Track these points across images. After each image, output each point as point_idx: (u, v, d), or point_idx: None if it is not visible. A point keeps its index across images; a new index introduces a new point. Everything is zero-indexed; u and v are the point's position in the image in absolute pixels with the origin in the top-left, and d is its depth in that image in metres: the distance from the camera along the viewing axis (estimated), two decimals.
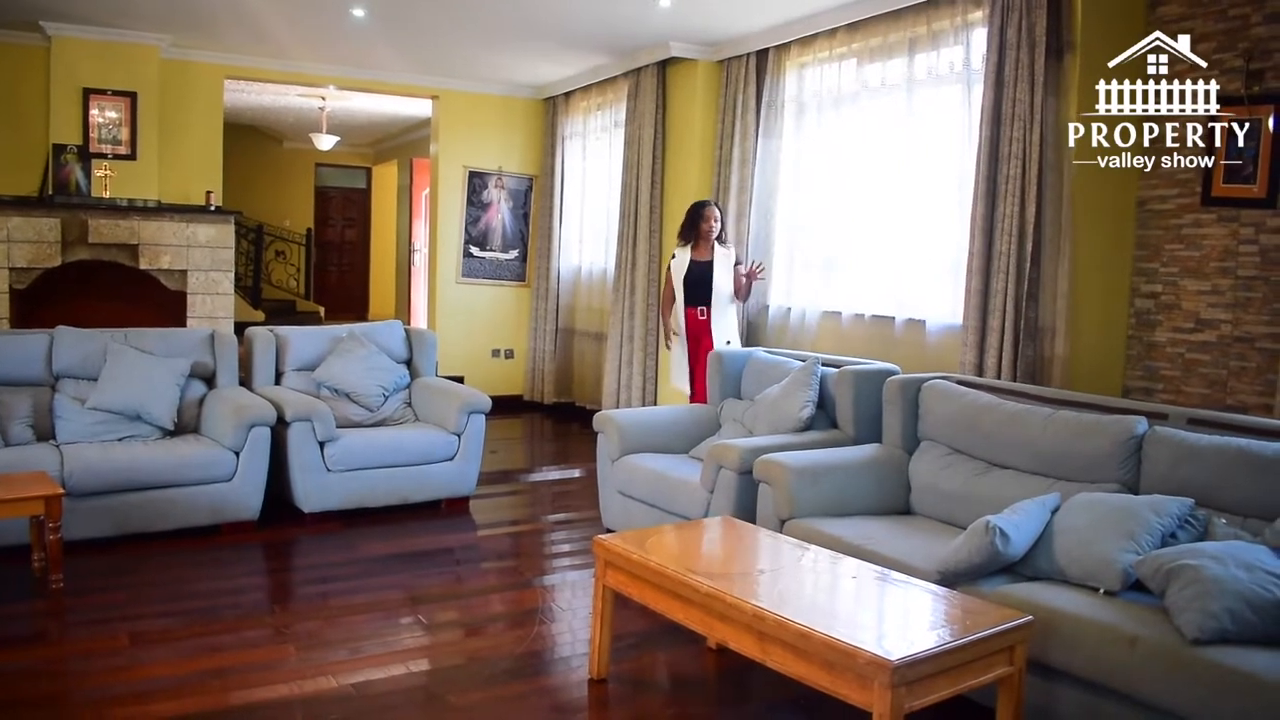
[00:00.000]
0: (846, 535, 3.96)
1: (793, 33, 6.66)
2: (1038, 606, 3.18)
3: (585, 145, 9.31)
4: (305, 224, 15.50)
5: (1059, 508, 3.64)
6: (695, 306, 6.55)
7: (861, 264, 6.29)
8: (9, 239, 7.81)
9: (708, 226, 6.55)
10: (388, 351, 6.32)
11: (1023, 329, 5.00)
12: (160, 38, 8.12)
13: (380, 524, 5.65)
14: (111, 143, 8.11)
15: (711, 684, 3.85)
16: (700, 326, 6.56)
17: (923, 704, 2.74)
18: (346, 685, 3.61)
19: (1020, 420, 4.18)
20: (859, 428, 4.94)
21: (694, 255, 6.57)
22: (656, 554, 3.46)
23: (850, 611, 3.22)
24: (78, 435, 5.29)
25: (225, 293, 8.59)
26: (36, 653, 3.92)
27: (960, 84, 5.58)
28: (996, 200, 5.16)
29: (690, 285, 6.57)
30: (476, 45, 8.10)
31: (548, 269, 9.53)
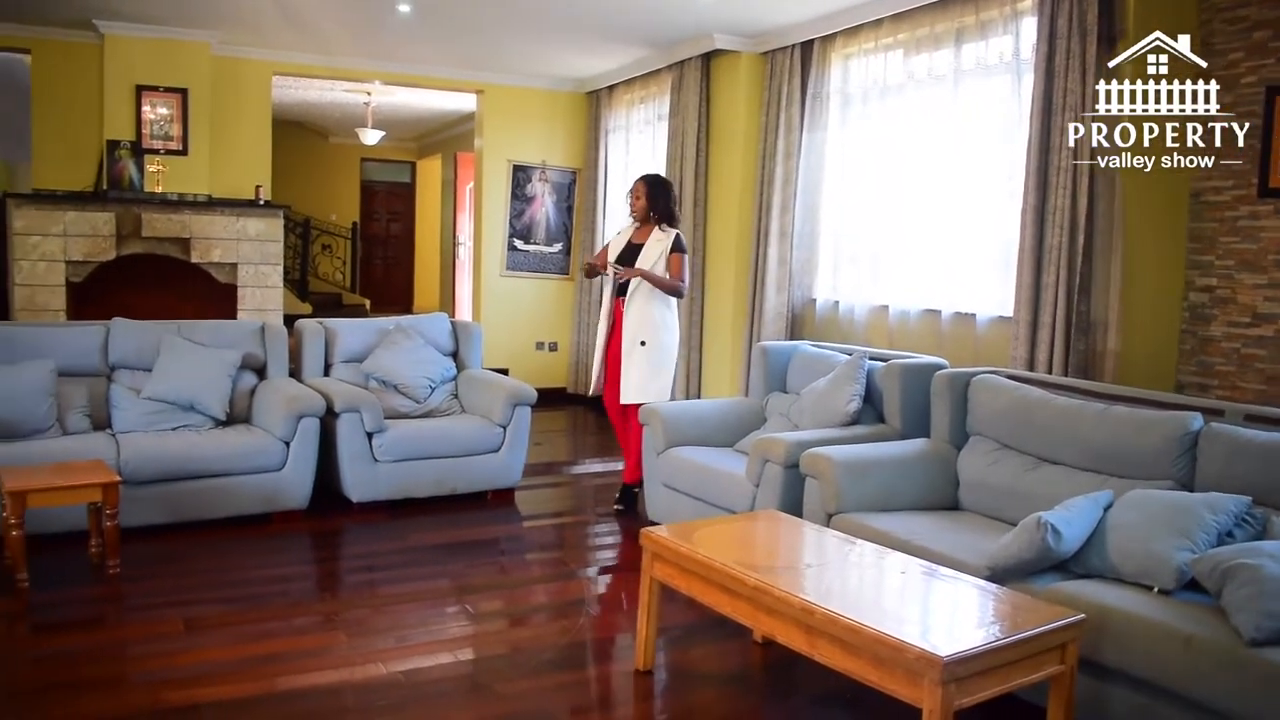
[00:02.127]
0: (894, 530, 3.93)
1: (838, 24, 6.61)
2: (1090, 604, 3.14)
3: (628, 139, 9.31)
4: (351, 218, 15.66)
5: (1111, 504, 3.59)
6: (620, 296, 5.83)
7: (909, 257, 6.24)
8: (65, 233, 7.96)
9: (632, 203, 5.87)
10: (434, 344, 6.37)
11: (1074, 323, 4.95)
12: (210, 35, 8.22)
13: (427, 514, 5.70)
14: (163, 138, 8.23)
15: (757, 677, 3.84)
16: (618, 317, 5.85)
17: (973, 701, 2.72)
18: (396, 672, 3.65)
19: (1072, 415, 4.13)
20: (906, 422, 4.91)
21: (634, 236, 5.84)
22: (704, 547, 3.46)
23: (899, 607, 3.21)
24: (133, 425, 5.39)
25: (274, 286, 8.69)
26: (94, 636, 4.00)
27: (1009, 74, 5.52)
28: (1047, 192, 5.10)
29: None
30: (520, 39, 8.14)
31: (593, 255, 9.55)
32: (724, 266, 7.74)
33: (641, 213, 5.79)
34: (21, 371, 5.13)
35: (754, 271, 7.27)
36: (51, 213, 7.92)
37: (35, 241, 7.90)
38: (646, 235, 5.76)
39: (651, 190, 5.80)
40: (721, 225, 7.77)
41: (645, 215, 5.78)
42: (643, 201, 5.78)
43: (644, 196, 5.78)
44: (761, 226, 7.21)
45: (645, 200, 5.77)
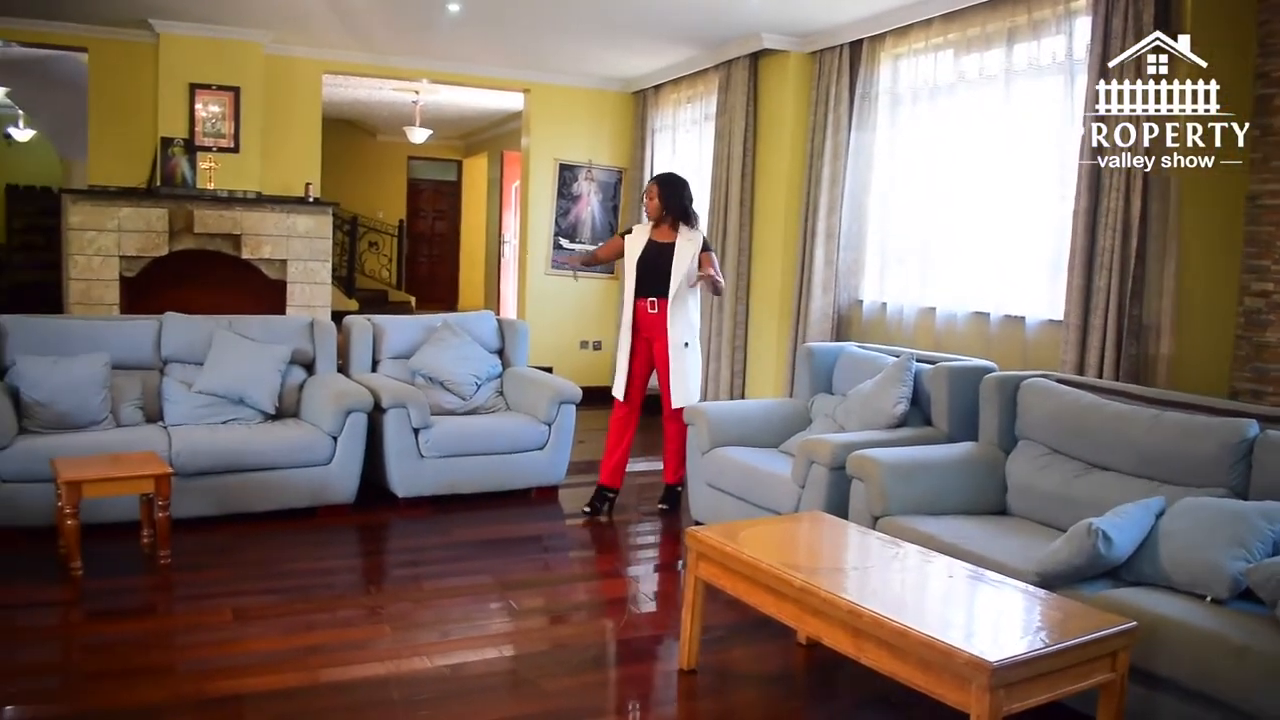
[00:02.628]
0: (941, 534, 3.90)
1: (888, 23, 6.57)
2: (1140, 612, 3.10)
3: (675, 138, 9.31)
4: (397, 215, 15.78)
5: (1164, 512, 3.54)
6: (646, 297, 5.65)
7: (957, 259, 6.18)
8: (120, 228, 8.09)
9: (646, 204, 5.78)
10: (481, 341, 6.41)
11: (1126, 327, 4.88)
12: (262, 34, 8.32)
13: (471, 510, 5.74)
14: (216, 136, 8.35)
15: (800, 679, 3.83)
16: (651, 323, 5.67)
17: (1021, 707, 2.69)
18: (442, 666, 3.67)
19: (1124, 421, 4.07)
20: (954, 425, 4.87)
21: (654, 235, 5.70)
22: (749, 547, 3.45)
23: (947, 611, 3.18)
24: (184, 418, 5.47)
25: (323, 282, 8.78)
26: (145, 625, 4.07)
27: (1062, 74, 5.45)
28: (1100, 195, 5.03)
29: (643, 270, 5.67)
30: (568, 39, 8.16)
31: None
32: (770, 267, 7.71)
33: (656, 213, 5.67)
34: (77, 364, 5.23)
35: (800, 272, 7.24)
36: (106, 208, 8.06)
37: (90, 237, 8.04)
38: (668, 235, 5.65)
39: (665, 190, 5.69)
40: (768, 226, 7.75)
41: (660, 215, 5.67)
42: (656, 202, 5.67)
43: (657, 197, 5.67)
44: (808, 227, 7.18)
45: (659, 200, 5.66)
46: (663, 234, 5.66)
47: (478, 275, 15.68)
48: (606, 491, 5.79)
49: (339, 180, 12.41)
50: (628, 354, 5.69)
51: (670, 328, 5.59)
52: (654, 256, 5.62)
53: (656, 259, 5.61)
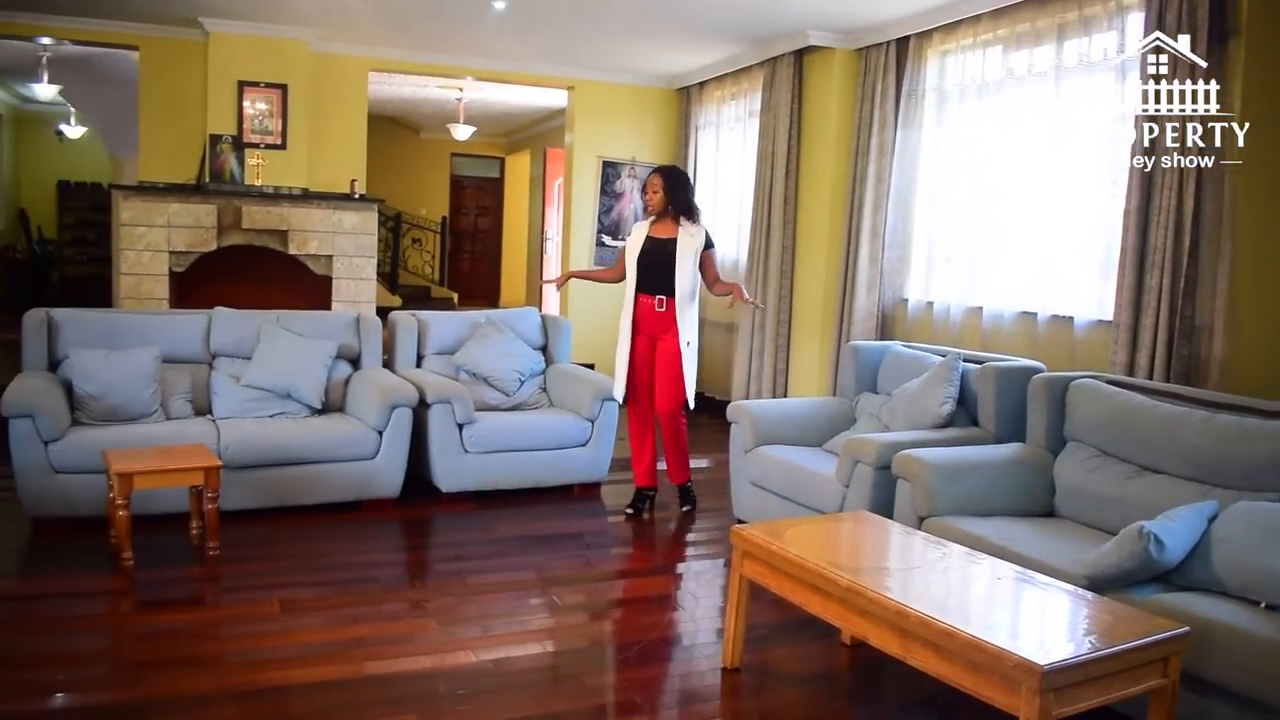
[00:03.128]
0: (988, 535, 3.87)
1: (935, 19, 6.51)
2: (1192, 617, 3.05)
3: (718, 135, 9.29)
4: (440, 212, 15.88)
5: (1216, 515, 3.48)
6: (652, 295, 5.51)
7: (1005, 257, 6.11)
8: (169, 224, 8.21)
9: (647, 199, 5.60)
10: (524, 338, 6.43)
11: (1178, 328, 4.80)
12: (309, 32, 8.42)
13: (514, 505, 5.76)
14: (263, 133, 8.45)
15: (845, 679, 3.81)
16: (657, 322, 5.52)
17: (1071, 711, 2.66)
18: (485, 660, 3.69)
19: (1176, 423, 4.01)
20: (1001, 426, 4.82)
21: (654, 231, 5.56)
22: (795, 546, 3.44)
23: (996, 612, 3.15)
24: (232, 411, 5.53)
25: (368, 278, 8.86)
26: (195, 615, 4.13)
27: (1113, 71, 5.38)
28: (1152, 193, 4.95)
29: (646, 268, 5.51)
30: (613, 36, 8.17)
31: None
32: (814, 265, 7.68)
33: (659, 207, 5.51)
34: (128, 358, 5.31)
35: (844, 270, 7.20)
36: (156, 204, 8.18)
37: (141, 232, 8.16)
38: (669, 230, 5.50)
39: (669, 183, 5.52)
40: (812, 223, 7.71)
41: (663, 209, 5.51)
42: (660, 195, 5.50)
43: (661, 190, 5.50)
44: (853, 225, 7.14)
45: (663, 194, 5.50)
46: (664, 229, 5.52)
47: (519, 272, 15.74)
48: (646, 491, 5.77)
49: (383, 177, 12.50)
50: (628, 354, 5.57)
51: (680, 327, 5.48)
52: (655, 253, 5.49)
53: (658, 255, 5.48)
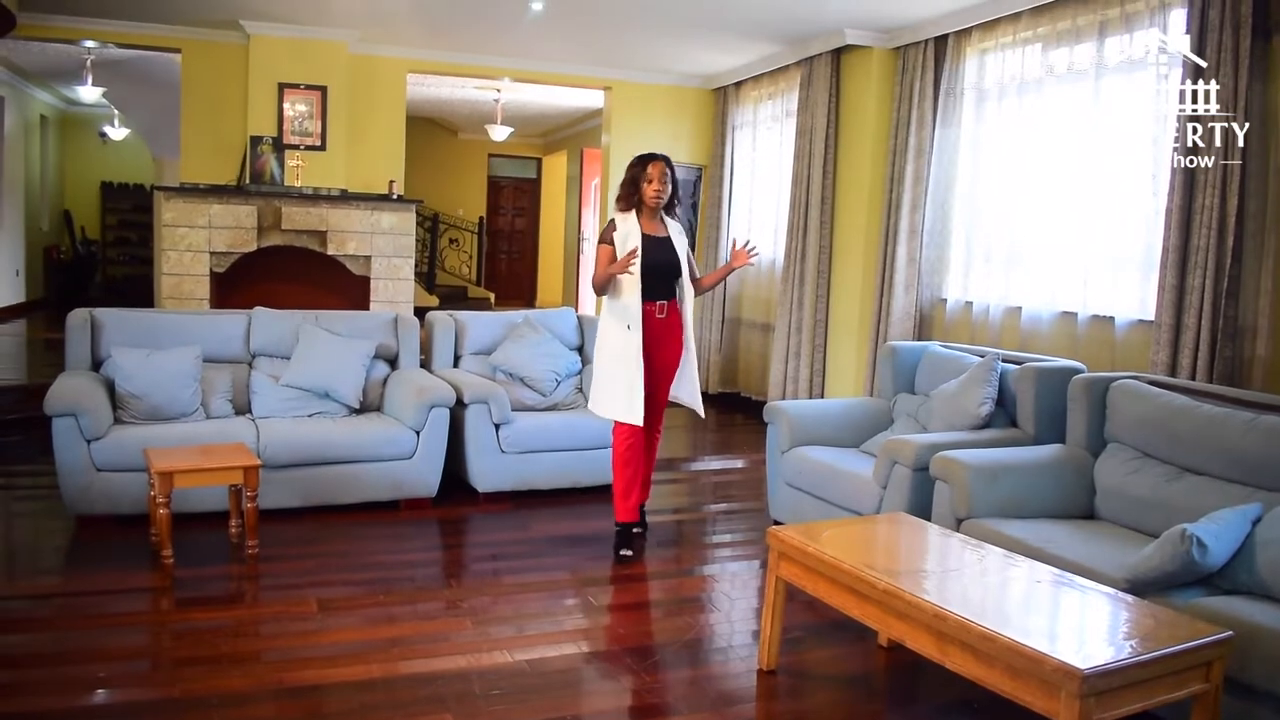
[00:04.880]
0: (1027, 537, 3.83)
1: (974, 17, 6.46)
2: (1236, 621, 3.01)
3: (755, 135, 9.27)
4: (478, 213, 15.96)
5: (1260, 518, 3.43)
6: (654, 301, 4.88)
7: (1044, 257, 6.06)
8: (210, 225, 8.30)
9: (653, 191, 4.83)
10: (560, 338, 6.44)
11: (1221, 328, 4.73)
12: (348, 34, 8.48)
13: (550, 505, 5.78)
14: (303, 134, 8.53)
15: (881, 682, 3.78)
16: (658, 329, 4.92)
17: (1111, 717, 2.63)
18: (521, 660, 3.70)
19: (1219, 424, 3.94)
20: (1040, 427, 4.77)
21: (646, 229, 4.85)
22: (831, 548, 3.42)
23: (1034, 616, 3.12)
24: (271, 410, 5.59)
25: (406, 278, 8.91)
26: (234, 613, 4.16)
27: (1154, 68, 5.30)
28: (1195, 192, 4.88)
29: (652, 272, 4.85)
30: (650, 36, 8.17)
31: (715, 258, 9.53)
32: (851, 265, 7.64)
33: (664, 199, 4.89)
34: (170, 357, 5.38)
35: (882, 270, 7.16)
36: (198, 205, 8.27)
37: (182, 233, 8.26)
38: (658, 228, 4.92)
39: (674, 173, 4.95)
40: (849, 223, 7.67)
41: (670, 205, 4.96)
42: (669, 187, 4.89)
43: (670, 180, 4.89)
44: (890, 224, 7.09)
45: (671, 185, 4.91)
46: (654, 227, 4.91)
47: (556, 272, 15.78)
48: (634, 527, 5.10)
49: (421, 177, 12.59)
50: (642, 367, 4.83)
51: (685, 329, 5.03)
52: (656, 254, 4.86)
53: (662, 257, 4.89)
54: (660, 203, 4.88)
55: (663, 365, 4.97)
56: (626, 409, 4.83)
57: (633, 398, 4.81)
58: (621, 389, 4.84)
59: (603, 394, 4.95)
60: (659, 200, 4.86)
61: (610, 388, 4.90)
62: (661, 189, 4.84)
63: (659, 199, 4.86)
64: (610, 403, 4.91)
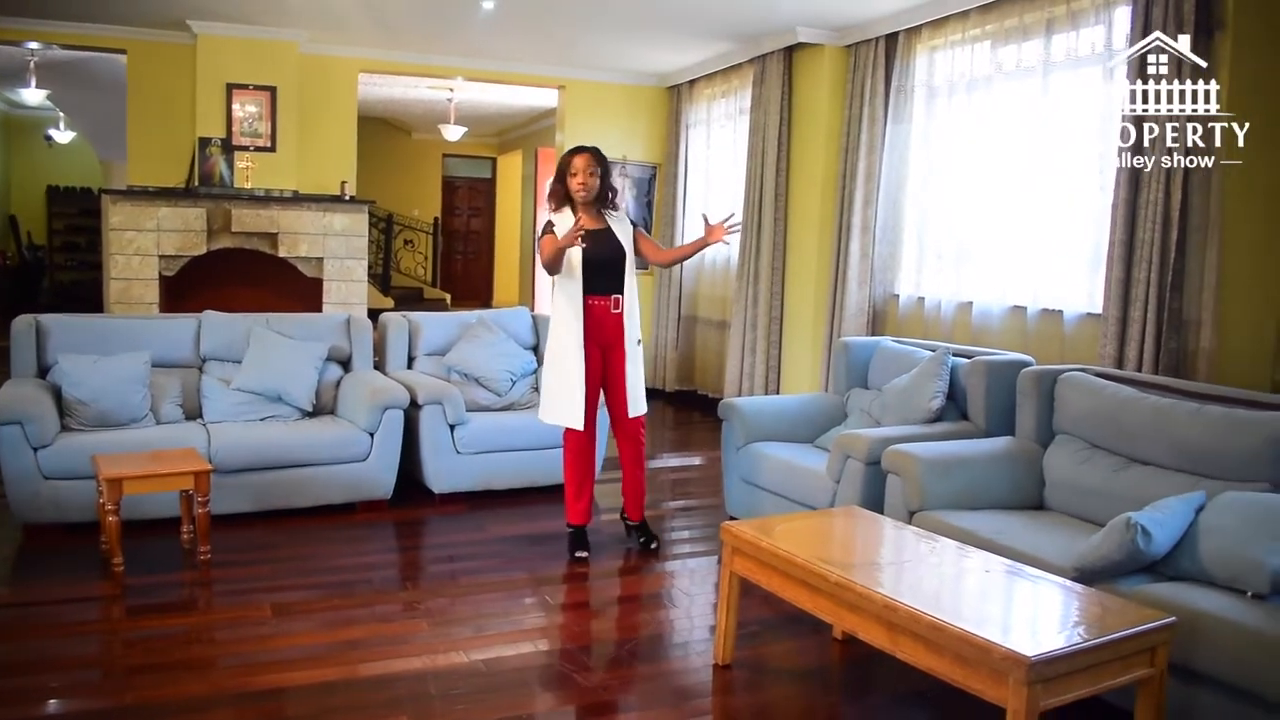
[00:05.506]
0: (978, 529, 3.88)
1: (924, 15, 6.53)
2: (1180, 608, 3.06)
3: (709, 133, 9.30)
4: (433, 213, 15.89)
5: (1204, 506, 3.49)
6: (604, 295, 4.76)
7: (994, 252, 6.13)
8: (159, 228, 8.19)
9: (578, 184, 4.70)
10: (515, 338, 6.43)
11: (1166, 320, 4.82)
12: (298, 34, 8.41)
13: (507, 505, 5.76)
14: (252, 135, 8.44)
15: (836, 674, 3.82)
16: (610, 324, 4.80)
17: (1059, 702, 2.67)
18: (477, 661, 3.69)
19: (1164, 415, 4.02)
20: (991, 420, 4.83)
21: (585, 223, 4.58)
22: (785, 542, 3.44)
23: (984, 605, 3.16)
24: (223, 415, 5.53)
25: (359, 280, 8.86)
26: (187, 620, 4.11)
27: (1101, 66, 5.39)
28: (1140, 186, 4.97)
29: (594, 266, 4.73)
30: (602, 34, 8.17)
31: None
32: (805, 261, 7.69)
33: (594, 192, 4.75)
34: (118, 363, 5.30)
35: (835, 267, 7.22)
36: (145, 208, 8.16)
37: (130, 236, 8.15)
38: (598, 221, 4.73)
39: (602, 165, 4.79)
40: (803, 220, 7.73)
41: (592, 195, 4.77)
42: (597, 180, 4.74)
43: (598, 174, 4.74)
44: (843, 221, 7.15)
45: (599, 178, 4.76)
46: (593, 220, 4.71)
47: (513, 272, 15.73)
48: (585, 529, 5.07)
49: (375, 178, 12.50)
50: (583, 368, 4.74)
51: (629, 329, 4.85)
52: (596, 245, 4.70)
53: (604, 250, 4.75)
54: (587, 195, 4.73)
55: (619, 359, 4.87)
56: (568, 413, 4.78)
57: (576, 399, 4.73)
58: (564, 391, 4.77)
59: (548, 399, 4.89)
60: (585, 192, 4.72)
61: (555, 391, 4.84)
62: (586, 180, 4.70)
63: (584, 190, 4.71)
64: (554, 407, 4.85)
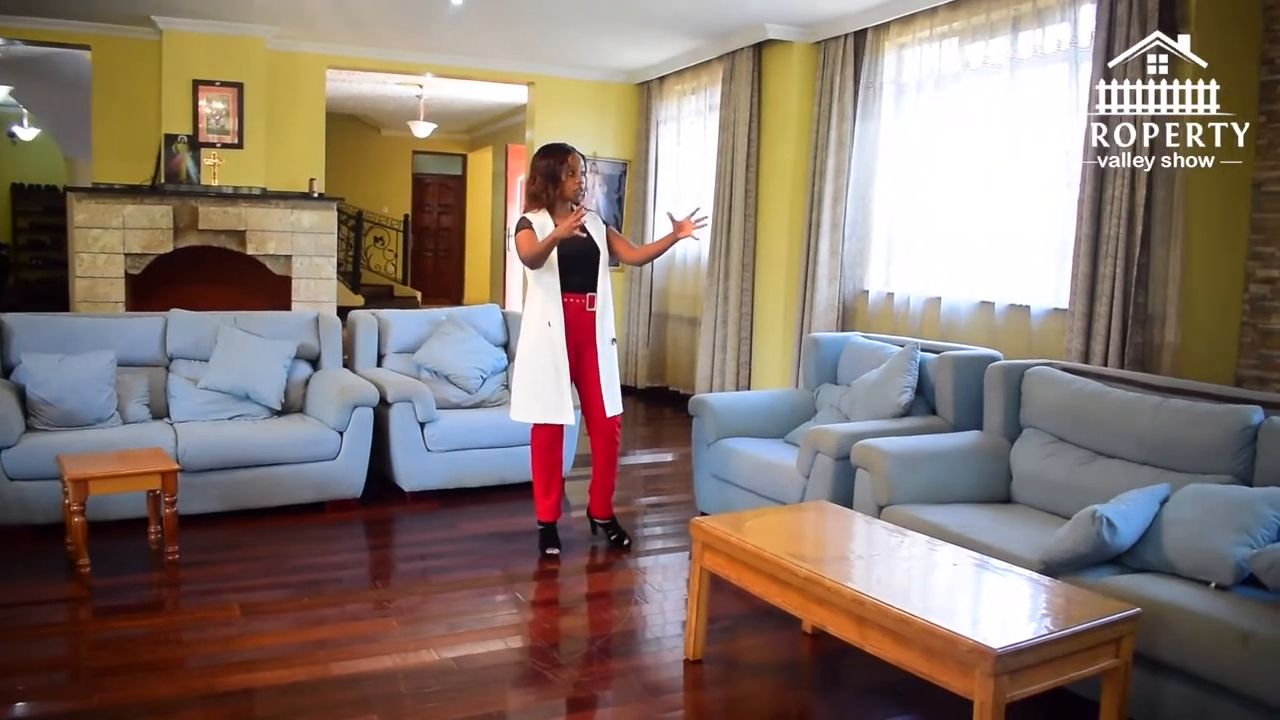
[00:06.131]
0: (946, 522, 3.90)
1: (892, 12, 6.56)
2: (1145, 599, 3.10)
3: (679, 129, 9.31)
4: (403, 210, 15.80)
5: (1168, 498, 3.53)
6: (580, 294, 4.73)
7: (963, 248, 6.18)
8: (124, 226, 8.12)
9: (575, 185, 4.70)
10: (485, 335, 6.41)
11: (1131, 315, 4.88)
12: (266, 30, 8.35)
13: (478, 503, 5.75)
14: (219, 132, 8.37)
15: (806, 668, 3.84)
16: (586, 322, 4.76)
17: (1025, 694, 2.69)
18: (448, 659, 3.69)
19: (1129, 409, 4.06)
20: (959, 414, 4.87)
21: (560, 222, 4.53)
22: (754, 537, 3.46)
23: (951, 598, 3.19)
24: (190, 414, 5.48)
25: (328, 277, 8.81)
26: (155, 621, 4.08)
27: (1067, 62, 5.44)
28: (1105, 183, 5.02)
29: (571, 264, 4.69)
30: (572, 31, 8.16)
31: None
32: (775, 258, 7.71)
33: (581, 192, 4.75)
34: (83, 362, 5.24)
35: (805, 263, 7.25)
36: (111, 206, 8.08)
37: (95, 234, 8.07)
38: (576, 220, 4.47)
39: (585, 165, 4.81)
40: (773, 216, 7.75)
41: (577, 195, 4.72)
42: (579, 179, 4.72)
43: (580, 173, 4.72)
44: (813, 218, 7.18)
45: (581, 177, 4.74)
46: (570, 220, 4.50)
47: (484, 269, 15.68)
48: (555, 526, 5.05)
49: (344, 175, 12.42)
50: (566, 363, 4.72)
51: (601, 325, 4.81)
52: (572, 241, 4.61)
53: (581, 248, 4.70)
54: (578, 194, 4.73)
55: (593, 357, 4.84)
56: (553, 409, 4.75)
57: (561, 395, 4.73)
58: (544, 388, 4.73)
59: (523, 397, 4.82)
60: (574, 193, 4.71)
61: (531, 389, 4.77)
62: (577, 180, 4.69)
63: (574, 191, 4.71)
64: (529, 404, 4.79)
